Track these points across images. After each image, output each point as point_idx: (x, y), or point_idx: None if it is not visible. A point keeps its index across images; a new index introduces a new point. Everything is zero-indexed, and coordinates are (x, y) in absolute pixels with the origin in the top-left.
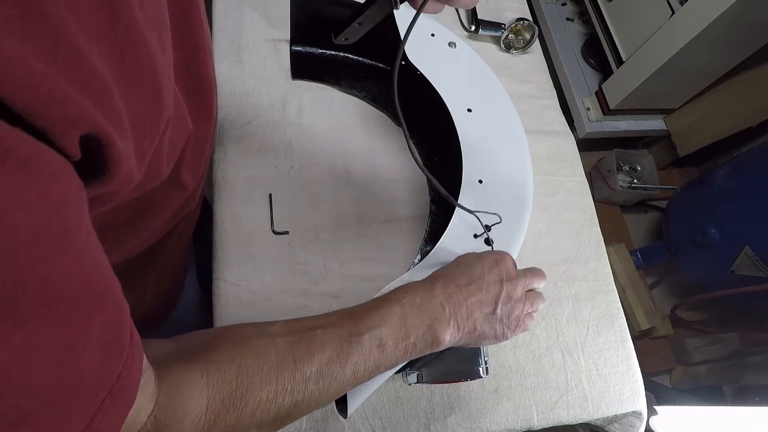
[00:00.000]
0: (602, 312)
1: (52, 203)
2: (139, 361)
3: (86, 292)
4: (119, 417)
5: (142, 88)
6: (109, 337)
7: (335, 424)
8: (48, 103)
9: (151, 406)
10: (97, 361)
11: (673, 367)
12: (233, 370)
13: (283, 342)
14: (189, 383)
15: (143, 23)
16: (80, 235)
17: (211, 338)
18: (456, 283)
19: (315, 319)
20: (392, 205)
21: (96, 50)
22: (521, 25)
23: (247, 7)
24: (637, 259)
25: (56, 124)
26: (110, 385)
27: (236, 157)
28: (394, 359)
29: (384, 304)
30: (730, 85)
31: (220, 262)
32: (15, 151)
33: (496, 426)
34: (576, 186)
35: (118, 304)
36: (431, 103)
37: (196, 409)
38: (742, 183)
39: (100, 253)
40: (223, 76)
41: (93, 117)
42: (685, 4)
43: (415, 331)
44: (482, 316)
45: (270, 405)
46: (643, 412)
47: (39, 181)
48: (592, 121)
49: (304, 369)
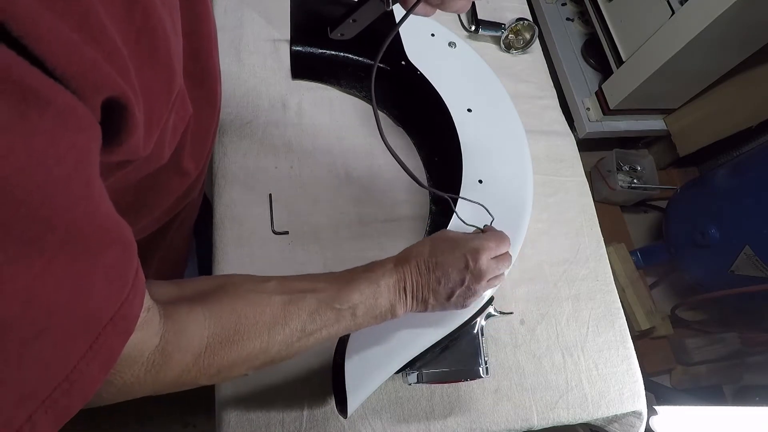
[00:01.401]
0: (602, 312)
1: (80, 153)
2: (141, 297)
3: (101, 233)
4: (118, 343)
5: (154, 66)
6: (115, 274)
7: (335, 424)
8: (81, 67)
9: (157, 339)
10: (103, 293)
11: (673, 367)
12: (233, 319)
13: (278, 300)
14: (193, 323)
15: (160, 6)
16: (98, 184)
17: (213, 286)
18: (421, 272)
19: (305, 282)
20: (392, 205)
21: (115, 26)
22: (521, 25)
23: (247, 7)
24: (637, 259)
25: (87, 87)
26: (111, 313)
27: (236, 157)
28: (360, 326)
29: (366, 282)
30: (730, 85)
31: (220, 262)
32: (54, 103)
33: (496, 426)
34: (576, 186)
35: (126, 246)
36: (431, 103)
37: (198, 346)
38: (742, 183)
39: (110, 201)
40: (223, 76)
41: (117, 83)
42: (685, 4)
43: (380, 308)
44: (435, 301)
45: (261, 353)
46: (643, 412)
47: (69, 132)
48: (592, 121)
49: (292, 327)
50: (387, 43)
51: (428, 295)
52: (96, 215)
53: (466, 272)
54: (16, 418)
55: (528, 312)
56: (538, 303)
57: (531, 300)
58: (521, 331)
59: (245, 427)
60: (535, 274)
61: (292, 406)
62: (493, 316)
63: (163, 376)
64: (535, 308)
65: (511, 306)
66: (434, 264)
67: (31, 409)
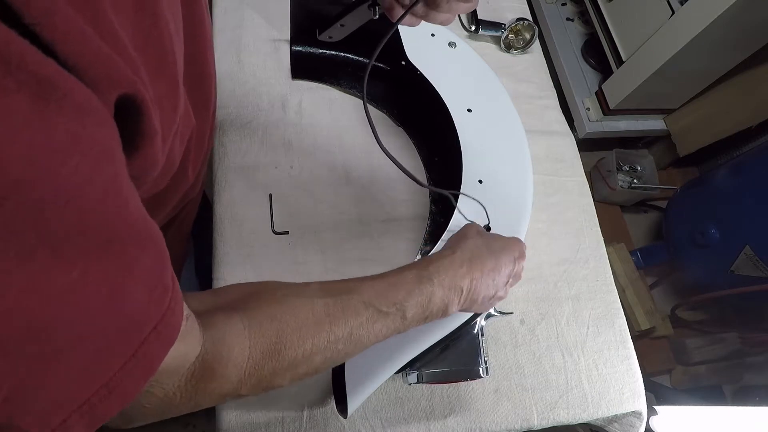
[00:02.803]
0: (602, 312)
1: (103, 147)
2: (181, 304)
3: (134, 234)
4: (161, 352)
5: (162, 75)
6: (154, 279)
7: (335, 424)
8: (96, 60)
9: (198, 350)
10: (144, 300)
11: (673, 367)
12: (274, 326)
13: (320, 303)
14: (233, 333)
15: (166, 11)
16: (126, 181)
17: (251, 294)
18: (483, 265)
19: (349, 284)
20: (392, 205)
21: (125, 32)
22: (521, 25)
23: (247, 7)
24: (637, 259)
25: (101, 81)
26: (156, 322)
27: (236, 157)
28: (410, 327)
29: (415, 280)
30: (730, 85)
31: (220, 262)
32: (71, 95)
33: (496, 426)
34: (576, 186)
35: (160, 249)
36: (431, 103)
37: (239, 356)
38: (742, 183)
39: (139, 200)
40: (223, 76)
41: (133, 81)
42: (685, 4)
43: (433, 308)
44: (484, 301)
45: (304, 361)
46: (643, 412)
47: (89, 126)
48: (592, 121)
49: (337, 331)
50: (379, 49)
51: (482, 291)
52: (128, 214)
53: (511, 273)
54: (50, 420)
55: (528, 312)
56: (538, 303)
57: (531, 300)
58: (521, 331)
59: (245, 427)
60: (535, 274)
61: (292, 406)
62: (493, 316)
63: (204, 387)
64: (535, 308)
65: (511, 306)
66: (494, 265)
67: (66, 412)
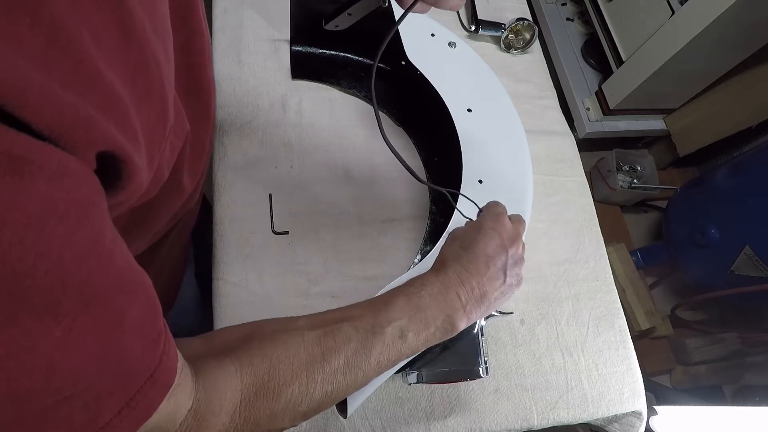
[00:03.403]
0: (602, 312)
1: (81, 208)
2: (174, 348)
3: (120, 286)
4: (157, 399)
5: (151, 102)
6: (147, 327)
7: (335, 424)
8: (72, 126)
9: (190, 402)
10: (139, 348)
11: (673, 367)
12: (265, 364)
13: (311, 336)
14: (224, 377)
15: (152, 37)
16: (108, 234)
17: (241, 335)
18: (466, 268)
19: (338, 312)
20: (392, 205)
21: (112, 69)
22: (521, 25)
23: (247, 7)
24: (637, 259)
25: (78, 144)
26: (152, 369)
27: (236, 157)
28: (414, 348)
29: (404, 296)
30: (730, 85)
31: (220, 262)
32: (46, 165)
33: (496, 426)
34: (576, 186)
35: (150, 295)
36: (431, 103)
37: (231, 402)
38: (742, 183)
39: (127, 250)
40: (223, 76)
41: (113, 137)
42: (685, 4)
43: (434, 321)
44: (494, 290)
45: (302, 397)
46: (643, 412)
47: (67, 190)
48: (592, 121)
49: (333, 362)
50: (386, 43)
51: (485, 288)
52: (111, 269)
53: (504, 242)
54: None
55: (528, 312)
56: (538, 303)
57: (531, 300)
58: (521, 331)
59: None
60: (535, 274)
61: None
62: (493, 316)
63: None
64: (535, 308)
65: (511, 306)
66: (473, 254)
67: None
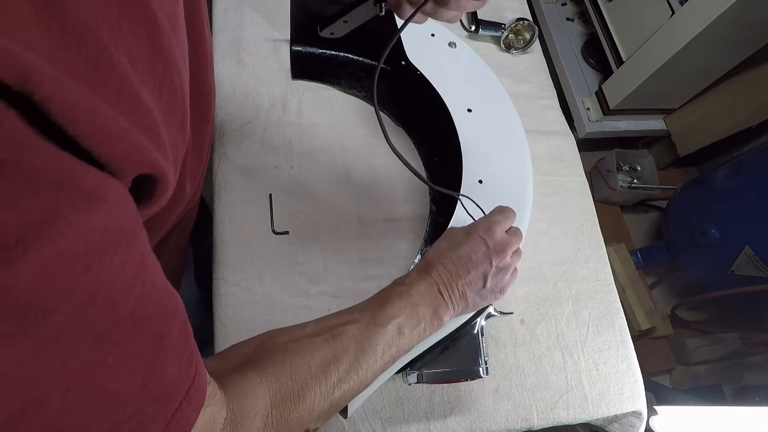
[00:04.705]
0: (602, 312)
1: (129, 236)
2: (203, 367)
3: (161, 309)
4: (193, 416)
5: (174, 114)
6: (182, 346)
7: (335, 424)
8: (127, 153)
9: (224, 413)
10: (176, 369)
11: (673, 367)
12: (286, 371)
13: (320, 341)
14: (252, 386)
15: (176, 50)
16: (151, 259)
17: (253, 348)
18: (447, 268)
19: (341, 316)
20: (392, 205)
21: (145, 87)
22: (521, 25)
23: (247, 7)
24: (637, 259)
25: (128, 168)
26: (187, 388)
27: (236, 157)
28: (410, 343)
29: (397, 295)
30: (730, 85)
31: (220, 262)
32: (107, 195)
33: (496, 426)
34: (576, 186)
35: (183, 316)
36: (431, 103)
37: (263, 408)
38: (742, 183)
39: (162, 271)
40: (223, 76)
41: (155, 159)
42: (685, 4)
43: (424, 317)
44: (473, 293)
45: (323, 397)
46: (643, 412)
47: (117, 218)
48: (592, 121)
49: (345, 361)
50: (387, 50)
51: (465, 289)
52: (154, 294)
53: (489, 252)
54: None
55: (528, 312)
56: (538, 303)
57: (531, 300)
58: (521, 331)
59: None
60: (535, 274)
61: None
62: (493, 316)
63: None
64: (535, 308)
65: (511, 306)
66: (457, 256)
67: None
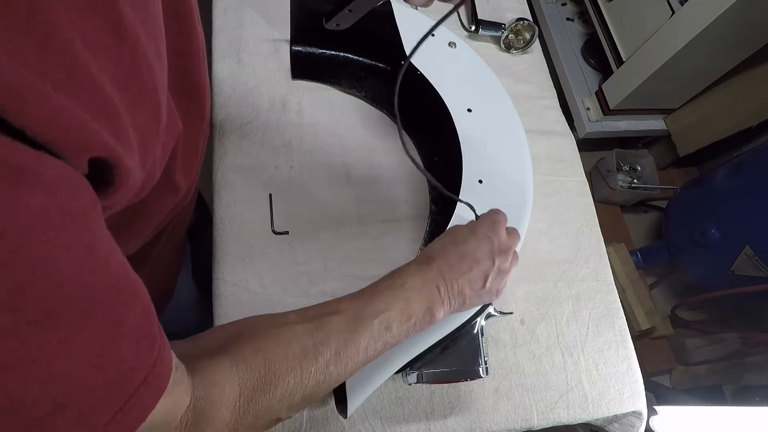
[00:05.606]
0: (602, 312)
1: (77, 217)
2: (169, 352)
3: (117, 293)
4: (151, 402)
5: (144, 105)
6: (141, 332)
7: (335, 424)
8: (66, 132)
9: (188, 399)
10: (133, 354)
11: (673, 367)
12: (260, 359)
13: (301, 330)
14: (220, 374)
15: (144, 39)
16: (105, 242)
17: (231, 333)
18: (449, 263)
19: (326, 306)
20: (392, 205)
21: (105, 73)
22: (521, 25)
23: (247, 7)
24: (637, 259)
25: (72, 150)
26: (145, 373)
27: (236, 157)
28: (398, 338)
29: (389, 290)
30: (730, 85)
31: (220, 262)
32: (43, 174)
33: (496, 426)
34: (576, 186)
35: (145, 301)
36: (431, 103)
37: (230, 396)
38: (742, 183)
39: (122, 256)
40: (223, 76)
41: (105, 142)
42: (685, 4)
43: (416, 313)
44: (472, 291)
45: (297, 388)
46: (643, 412)
47: (62, 199)
48: (592, 121)
49: (325, 354)
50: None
51: (464, 286)
52: (108, 278)
53: (493, 250)
54: None
55: (528, 312)
56: (538, 303)
57: (531, 300)
58: (521, 331)
59: None
60: (535, 274)
61: None
62: (493, 316)
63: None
64: (535, 308)
65: (511, 306)
66: (461, 251)
67: None
